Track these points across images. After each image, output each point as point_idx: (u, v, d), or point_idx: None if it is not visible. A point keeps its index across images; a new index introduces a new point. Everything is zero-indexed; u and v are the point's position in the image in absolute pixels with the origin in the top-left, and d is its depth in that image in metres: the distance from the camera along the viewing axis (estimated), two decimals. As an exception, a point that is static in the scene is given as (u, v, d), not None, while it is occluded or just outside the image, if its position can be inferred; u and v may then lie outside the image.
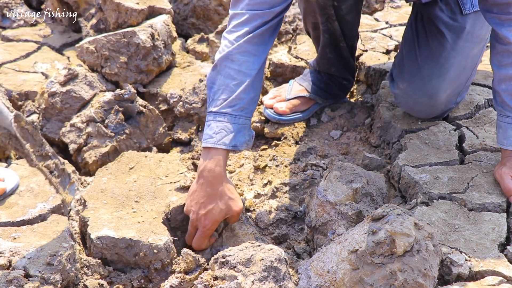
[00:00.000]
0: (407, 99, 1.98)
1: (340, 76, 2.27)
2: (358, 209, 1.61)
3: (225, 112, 1.68)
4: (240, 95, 1.68)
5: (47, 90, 2.24)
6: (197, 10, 2.90)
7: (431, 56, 1.92)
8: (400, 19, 2.82)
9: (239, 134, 1.69)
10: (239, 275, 1.38)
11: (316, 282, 1.39)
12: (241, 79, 1.69)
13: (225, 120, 1.67)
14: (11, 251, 1.45)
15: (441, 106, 1.96)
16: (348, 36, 2.14)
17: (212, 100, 1.70)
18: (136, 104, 2.19)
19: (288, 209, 1.85)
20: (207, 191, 1.64)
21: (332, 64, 2.23)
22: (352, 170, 1.71)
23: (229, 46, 1.71)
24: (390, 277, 1.28)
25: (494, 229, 1.54)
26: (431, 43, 1.92)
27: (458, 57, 1.90)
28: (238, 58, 1.70)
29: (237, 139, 1.68)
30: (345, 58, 2.21)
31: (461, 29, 1.89)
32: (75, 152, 2.17)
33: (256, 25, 1.72)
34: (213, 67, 1.74)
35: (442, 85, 1.91)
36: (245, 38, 1.70)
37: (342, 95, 2.34)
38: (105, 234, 1.59)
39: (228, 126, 1.67)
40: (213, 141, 1.66)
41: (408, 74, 1.96)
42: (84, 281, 1.53)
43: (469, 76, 1.97)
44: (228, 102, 1.68)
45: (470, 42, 1.90)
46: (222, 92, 1.69)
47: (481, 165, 1.79)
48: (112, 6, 2.53)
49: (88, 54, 2.42)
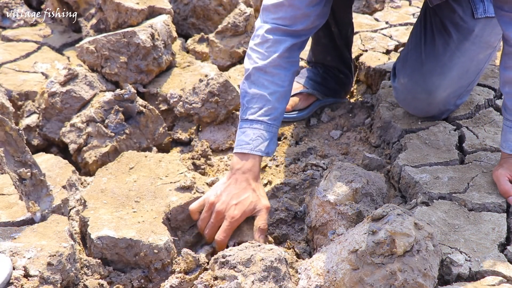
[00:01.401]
0: (406, 94, 1.99)
1: (335, 68, 2.27)
2: (358, 209, 1.61)
3: (261, 120, 1.76)
4: (275, 105, 1.77)
5: (47, 90, 2.24)
6: (197, 10, 2.90)
7: (435, 54, 1.93)
8: (400, 19, 2.82)
9: (272, 142, 1.77)
10: (239, 275, 1.38)
11: (316, 282, 1.39)
12: (275, 90, 1.77)
13: (262, 128, 1.75)
14: (11, 251, 1.45)
15: (439, 105, 1.96)
16: (340, 22, 2.15)
17: (246, 108, 1.78)
18: (136, 104, 2.19)
19: (288, 209, 1.85)
20: (242, 185, 1.70)
21: (327, 51, 2.24)
22: (352, 170, 1.71)
23: (262, 58, 1.78)
24: (390, 277, 1.28)
25: (494, 229, 1.54)
26: (437, 41, 1.93)
27: (462, 58, 1.90)
28: (271, 71, 1.77)
29: (270, 147, 1.76)
30: (339, 47, 2.21)
31: (469, 31, 1.89)
32: (75, 152, 2.17)
33: (287, 40, 1.79)
34: (246, 76, 1.80)
35: (443, 83, 1.91)
36: (278, 53, 1.77)
37: (341, 91, 2.33)
38: (105, 234, 1.59)
39: (264, 134, 1.75)
40: (250, 147, 1.73)
41: (411, 68, 1.97)
42: (84, 281, 1.53)
43: (472, 80, 1.96)
44: (264, 111, 1.76)
45: (477, 45, 1.90)
46: (257, 101, 1.76)
47: (481, 165, 1.79)
48: (112, 6, 2.53)
49: (88, 54, 2.42)
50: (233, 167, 1.73)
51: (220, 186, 1.72)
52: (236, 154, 1.74)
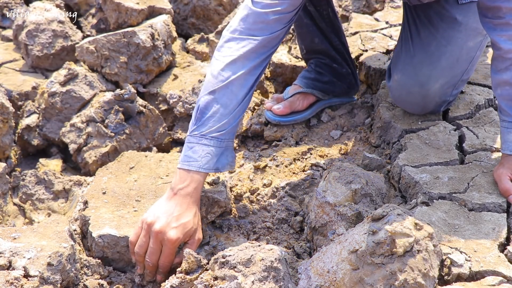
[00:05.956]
0: (401, 90, 1.99)
1: (326, 56, 2.21)
2: (358, 210, 1.61)
3: (211, 136, 1.65)
4: (230, 121, 1.68)
5: (47, 90, 2.25)
6: (197, 10, 2.90)
7: (422, 45, 1.93)
8: (400, 19, 2.82)
9: (222, 156, 1.68)
10: (239, 275, 1.38)
11: (316, 282, 1.39)
12: (233, 105, 1.68)
13: (211, 144, 1.65)
14: (11, 251, 1.45)
15: (434, 97, 1.96)
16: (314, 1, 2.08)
17: (201, 124, 1.66)
18: (136, 104, 2.20)
19: (288, 209, 1.85)
20: (183, 207, 1.58)
21: (312, 33, 2.16)
22: (351, 171, 1.71)
23: (228, 73, 1.68)
24: (390, 277, 1.28)
25: (494, 229, 1.54)
26: (422, 33, 1.94)
27: (449, 47, 1.90)
28: (233, 83, 1.68)
29: (220, 162, 1.68)
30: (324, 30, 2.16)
31: (452, 19, 1.89)
32: (75, 152, 2.17)
33: (254, 49, 1.70)
34: (210, 91, 1.68)
35: (433, 73, 1.91)
36: (241, 62, 1.69)
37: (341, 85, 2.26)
38: (107, 232, 1.59)
39: (214, 151, 1.65)
40: (198, 164, 1.63)
41: (402, 63, 1.97)
42: (84, 281, 1.53)
43: (465, 69, 1.96)
44: (217, 128, 1.66)
45: (463, 33, 1.90)
46: (214, 119, 1.66)
47: (481, 165, 1.79)
48: (112, 6, 2.53)
49: (88, 54, 2.42)
50: (174, 187, 1.61)
51: (158, 207, 1.59)
52: (180, 170, 1.63)
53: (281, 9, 1.70)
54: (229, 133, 1.69)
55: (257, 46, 1.71)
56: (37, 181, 2.09)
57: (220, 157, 1.68)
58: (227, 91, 1.68)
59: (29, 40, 2.49)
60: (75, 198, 2.00)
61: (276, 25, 1.72)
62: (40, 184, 2.08)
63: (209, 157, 1.64)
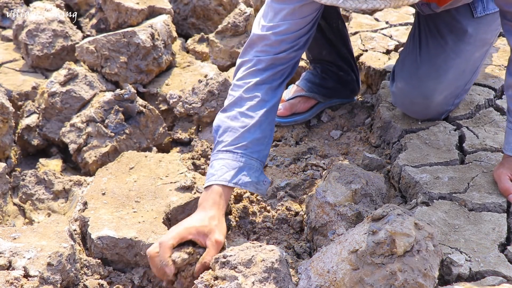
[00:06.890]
0: (404, 99, 1.98)
1: (334, 64, 2.21)
2: (358, 210, 1.61)
3: (226, 150, 1.65)
4: (243, 134, 1.66)
5: (47, 90, 2.24)
6: (197, 10, 2.90)
7: (430, 57, 1.92)
8: (400, 19, 2.82)
9: (241, 172, 1.63)
10: (239, 275, 1.38)
11: (316, 282, 1.39)
12: (247, 121, 1.68)
13: (226, 157, 1.64)
14: (11, 251, 1.45)
15: (436, 108, 1.96)
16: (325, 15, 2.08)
17: (218, 143, 1.68)
18: (136, 104, 2.19)
19: (288, 209, 1.85)
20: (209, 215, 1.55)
21: (321, 46, 2.17)
22: (351, 171, 1.71)
23: (239, 91, 1.72)
24: (390, 277, 1.28)
25: (494, 229, 1.54)
26: (431, 44, 1.92)
27: (457, 60, 1.89)
28: (247, 103, 1.70)
29: (239, 177, 1.62)
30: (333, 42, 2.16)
31: (463, 32, 1.88)
32: (75, 152, 2.17)
33: (263, 70, 1.73)
34: (221, 110, 1.73)
35: (439, 87, 1.90)
36: (253, 83, 1.71)
37: (344, 90, 2.28)
38: (106, 234, 1.59)
39: (230, 163, 1.63)
40: (215, 178, 1.61)
41: (407, 73, 1.96)
42: (84, 281, 1.53)
43: (468, 79, 1.96)
44: (231, 141, 1.66)
45: (472, 45, 1.89)
46: (227, 134, 1.67)
47: (481, 165, 1.79)
48: (112, 6, 2.53)
49: (88, 54, 2.42)
50: (200, 204, 1.60)
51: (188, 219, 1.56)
52: (204, 189, 1.63)
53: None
54: (246, 148, 1.66)
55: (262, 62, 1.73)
56: (37, 181, 2.09)
57: (238, 171, 1.63)
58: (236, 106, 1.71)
59: (29, 40, 2.49)
60: (75, 198, 2.00)
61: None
62: (40, 184, 2.08)
63: (224, 169, 1.62)
